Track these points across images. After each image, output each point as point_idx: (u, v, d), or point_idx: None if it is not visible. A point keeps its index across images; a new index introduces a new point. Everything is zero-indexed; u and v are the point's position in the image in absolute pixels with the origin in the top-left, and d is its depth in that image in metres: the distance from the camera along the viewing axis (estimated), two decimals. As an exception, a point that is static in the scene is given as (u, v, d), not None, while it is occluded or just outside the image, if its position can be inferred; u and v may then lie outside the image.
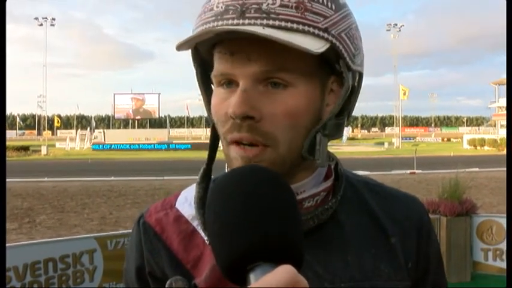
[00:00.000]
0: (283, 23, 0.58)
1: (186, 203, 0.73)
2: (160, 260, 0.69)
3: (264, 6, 0.58)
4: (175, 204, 0.74)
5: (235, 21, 0.58)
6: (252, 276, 0.43)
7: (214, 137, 0.69)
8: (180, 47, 0.61)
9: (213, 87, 0.68)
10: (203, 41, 0.62)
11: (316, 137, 0.63)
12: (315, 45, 0.59)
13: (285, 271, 0.40)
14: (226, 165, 0.70)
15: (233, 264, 0.45)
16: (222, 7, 0.59)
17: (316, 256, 0.66)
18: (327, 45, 0.60)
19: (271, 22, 0.57)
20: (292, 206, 0.48)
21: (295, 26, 0.58)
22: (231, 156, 0.63)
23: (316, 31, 0.59)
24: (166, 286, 0.54)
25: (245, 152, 0.61)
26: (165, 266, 0.68)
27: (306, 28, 0.59)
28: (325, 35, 0.60)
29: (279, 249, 0.44)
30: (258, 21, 0.57)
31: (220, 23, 0.59)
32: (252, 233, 0.45)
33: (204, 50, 0.66)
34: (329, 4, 0.61)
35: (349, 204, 0.71)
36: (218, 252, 0.46)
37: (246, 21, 0.58)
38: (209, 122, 0.70)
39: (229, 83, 0.62)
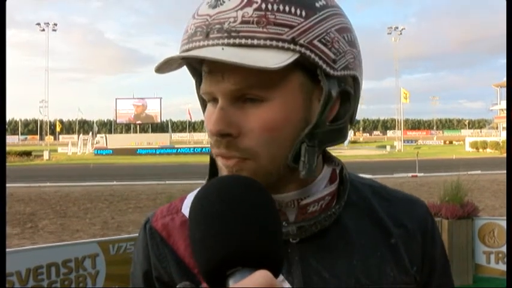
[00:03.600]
0: (243, 40, 0.57)
1: None
2: (167, 265, 0.70)
3: (226, 25, 0.58)
4: (181, 209, 0.74)
5: (201, 43, 0.59)
6: (231, 282, 0.45)
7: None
8: (158, 70, 0.62)
9: None
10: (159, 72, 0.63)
11: (301, 148, 0.62)
12: (280, 59, 0.57)
13: (261, 276, 0.42)
14: None
15: (213, 270, 0.46)
16: (192, 29, 0.61)
17: (321, 260, 0.67)
18: (295, 56, 0.58)
19: (231, 41, 0.58)
20: (271, 213, 0.49)
21: (255, 41, 0.57)
22: (219, 167, 0.65)
23: (280, 43, 0.58)
24: None
25: (227, 162, 0.62)
26: (172, 271, 0.69)
27: (268, 42, 0.58)
28: (291, 46, 0.58)
29: (256, 255, 0.46)
30: (220, 41, 0.58)
31: (189, 45, 0.61)
32: (230, 239, 0.46)
33: (197, 66, 0.67)
34: (298, 12, 0.59)
35: (354, 208, 0.71)
36: (198, 258, 0.48)
37: (210, 41, 0.59)
38: None
39: (214, 99, 0.63)
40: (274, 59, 0.57)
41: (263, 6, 0.58)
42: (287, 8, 0.58)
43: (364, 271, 0.67)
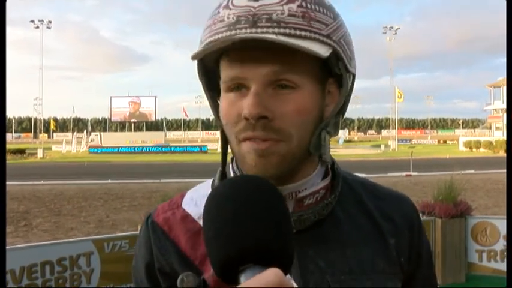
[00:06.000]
0: (292, 31, 0.63)
1: (192, 203, 0.77)
2: (169, 257, 0.73)
3: (274, 16, 0.63)
4: (181, 204, 0.78)
5: (249, 30, 0.63)
6: (242, 277, 0.48)
7: (225, 141, 0.73)
8: (196, 56, 0.65)
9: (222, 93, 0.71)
10: (212, 51, 0.66)
11: (321, 134, 0.69)
12: (321, 50, 0.64)
13: (272, 274, 0.44)
14: (230, 166, 0.75)
15: (226, 265, 0.49)
16: (233, 18, 0.64)
17: (317, 250, 0.71)
18: (330, 50, 0.66)
19: (282, 30, 0.63)
20: (283, 213, 0.53)
21: (303, 33, 0.64)
22: (243, 152, 0.67)
23: (321, 37, 0.65)
24: (178, 281, 0.57)
25: (258, 145, 0.65)
26: (174, 263, 0.72)
27: (313, 35, 0.64)
28: (328, 41, 0.66)
29: (268, 253, 0.49)
30: (270, 30, 0.62)
31: (233, 32, 0.63)
32: (245, 238, 0.49)
33: (210, 60, 0.70)
34: (328, 13, 0.67)
35: (347, 203, 0.76)
36: (213, 254, 0.51)
37: (259, 30, 0.63)
38: (206, 125, 0.74)
39: (238, 87, 0.66)
40: (320, 49, 0.64)
41: (303, 4, 0.65)
42: (321, 9, 0.66)
43: (357, 261, 0.71)
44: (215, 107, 0.73)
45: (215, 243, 0.50)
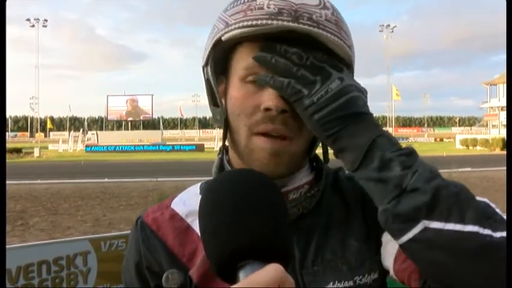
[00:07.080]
0: (328, 34, 0.67)
1: (181, 202, 0.79)
2: (157, 255, 0.74)
3: (314, 17, 0.67)
4: (170, 205, 0.79)
5: (290, 24, 0.65)
6: (241, 274, 0.46)
7: (227, 130, 0.74)
8: (238, 34, 0.67)
9: (233, 81, 0.71)
10: (232, 38, 0.68)
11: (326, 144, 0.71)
12: (350, 56, 0.71)
13: (273, 269, 0.43)
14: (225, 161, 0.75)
15: (225, 262, 0.48)
16: (274, 8, 0.66)
17: (297, 243, 0.72)
18: (351, 59, 0.71)
19: (320, 31, 0.66)
20: (281, 208, 0.52)
21: (336, 38, 0.68)
22: (253, 147, 0.68)
23: (346, 46, 0.70)
24: (163, 279, 0.56)
25: (274, 144, 0.67)
26: (162, 261, 0.73)
27: (341, 42, 0.69)
28: (349, 51, 0.71)
29: (268, 248, 0.47)
30: (310, 28, 0.66)
31: (275, 22, 0.65)
32: (243, 233, 0.48)
33: (225, 49, 0.72)
34: (348, 28, 0.73)
35: (325, 192, 0.78)
36: (210, 251, 0.50)
37: (301, 25, 0.65)
38: (203, 124, 0.74)
39: (256, 82, 0.68)
40: (347, 55, 0.70)
41: (335, 14, 0.70)
42: (345, 22, 0.72)
43: (329, 247, 0.73)
44: (218, 93, 0.73)
45: (212, 241, 0.49)
